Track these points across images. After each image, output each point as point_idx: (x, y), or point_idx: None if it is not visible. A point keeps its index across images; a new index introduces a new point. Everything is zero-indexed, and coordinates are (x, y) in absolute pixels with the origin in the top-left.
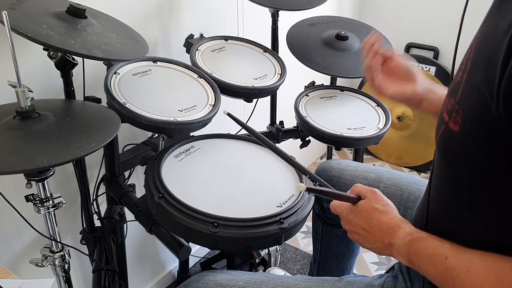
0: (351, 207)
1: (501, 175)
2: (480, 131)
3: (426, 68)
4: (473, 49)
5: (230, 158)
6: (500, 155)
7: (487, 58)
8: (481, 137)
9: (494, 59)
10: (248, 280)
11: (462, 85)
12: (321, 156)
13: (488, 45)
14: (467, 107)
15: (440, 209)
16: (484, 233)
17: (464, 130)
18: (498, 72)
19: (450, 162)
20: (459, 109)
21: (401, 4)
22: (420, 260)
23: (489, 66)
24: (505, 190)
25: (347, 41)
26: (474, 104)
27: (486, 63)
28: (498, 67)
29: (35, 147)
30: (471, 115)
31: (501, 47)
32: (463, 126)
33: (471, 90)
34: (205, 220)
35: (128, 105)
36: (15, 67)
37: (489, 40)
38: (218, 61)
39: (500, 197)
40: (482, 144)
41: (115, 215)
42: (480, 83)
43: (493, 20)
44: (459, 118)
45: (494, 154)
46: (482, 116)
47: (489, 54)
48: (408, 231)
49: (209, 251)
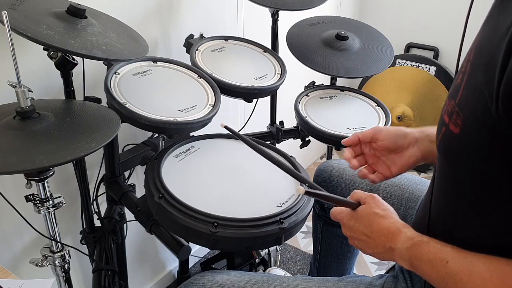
0: (351, 213)
1: (501, 176)
2: (481, 133)
3: (426, 68)
4: (473, 51)
5: (230, 158)
6: (501, 157)
7: (487, 60)
8: (481, 139)
9: (494, 60)
10: (248, 280)
11: (462, 87)
12: (321, 156)
13: (488, 47)
14: (467, 109)
15: (442, 210)
16: (486, 234)
17: (465, 132)
18: (497, 74)
19: (451, 164)
20: (459, 111)
21: (401, 4)
22: (421, 265)
23: (489, 68)
24: (506, 191)
25: (347, 41)
26: (474, 106)
27: (486, 65)
28: (497, 68)
29: (35, 147)
30: (471, 117)
31: (500, 49)
32: (463, 128)
33: (471, 92)
34: (205, 220)
35: (128, 105)
36: (15, 67)
37: (489, 42)
38: (218, 61)
39: (501, 198)
40: (482, 146)
41: (115, 215)
42: (481, 84)
43: (493, 22)
44: (459, 120)
45: (494, 155)
46: (482, 118)
47: (489, 56)
48: (409, 235)
49: (209, 251)
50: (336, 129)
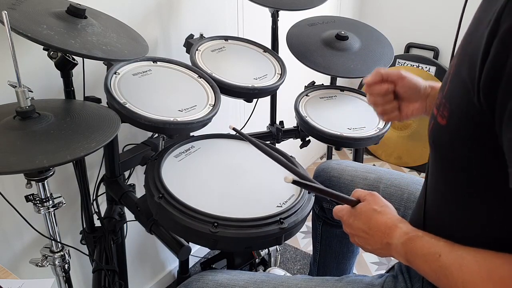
0: (351, 210)
1: (489, 168)
2: (466, 124)
3: (426, 68)
4: (461, 45)
5: (230, 158)
6: (487, 148)
7: (470, 52)
8: (467, 130)
9: (476, 52)
10: (248, 280)
11: (449, 79)
12: (321, 156)
13: (471, 39)
14: (453, 101)
15: (436, 204)
16: (477, 227)
17: (451, 123)
18: (478, 65)
19: (441, 156)
20: (446, 103)
21: (401, 4)
22: (416, 259)
23: (472, 60)
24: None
25: (347, 41)
26: (460, 98)
27: (470, 57)
28: (478, 60)
29: (35, 147)
30: (457, 108)
31: (481, 41)
32: (449, 119)
33: (457, 84)
34: (205, 220)
35: (128, 105)
36: (15, 67)
37: (473, 35)
38: (218, 61)
39: (489, 189)
40: (469, 136)
41: (115, 215)
42: (465, 76)
43: (478, 16)
44: (446, 112)
45: (480, 146)
46: (467, 109)
47: (472, 48)
48: (405, 230)
49: (209, 251)
50: (336, 129)
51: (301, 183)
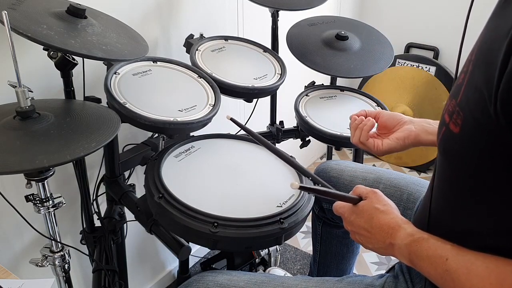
0: (353, 207)
1: (500, 177)
2: (480, 133)
3: (426, 68)
4: (475, 52)
5: (230, 158)
6: (500, 157)
7: (487, 60)
8: (480, 139)
9: (494, 62)
10: (248, 280)
11: (463, 87)
12: (321, 156)
13: (489, 47)
14: (468, 109)
15: (442, 209)
16: (485, 233)
17: (465, 131)
18: (497, 75)
19: (450, 164)
20: (459, 111)
21: (401, 4)
22: (421, 261)
23: (489, 69)
24: (505, 193)
25: (347, 41)
26: (475, 106)
27: (487, 66)
28: (497, 70)
29: (35, 147)
30: (471, 117)
31: (500, 50)
32: (463, 128)
33: (472, 92)
34: (205, 220)
35: (128, 105)
36: (15, 67)
37: (490, 43)
38: (218, 61)
39: (500, 199)
40: (482, 146)
41: (115, 215)
42: (480, 85)
43: (494, 23)
44: (460, 120)
45: (493, 156)
46: (482, 118)
47: (490, 57)
48: (409, 231)
49: (209, 251)
50: (336, 129)
51: (307, 188)
